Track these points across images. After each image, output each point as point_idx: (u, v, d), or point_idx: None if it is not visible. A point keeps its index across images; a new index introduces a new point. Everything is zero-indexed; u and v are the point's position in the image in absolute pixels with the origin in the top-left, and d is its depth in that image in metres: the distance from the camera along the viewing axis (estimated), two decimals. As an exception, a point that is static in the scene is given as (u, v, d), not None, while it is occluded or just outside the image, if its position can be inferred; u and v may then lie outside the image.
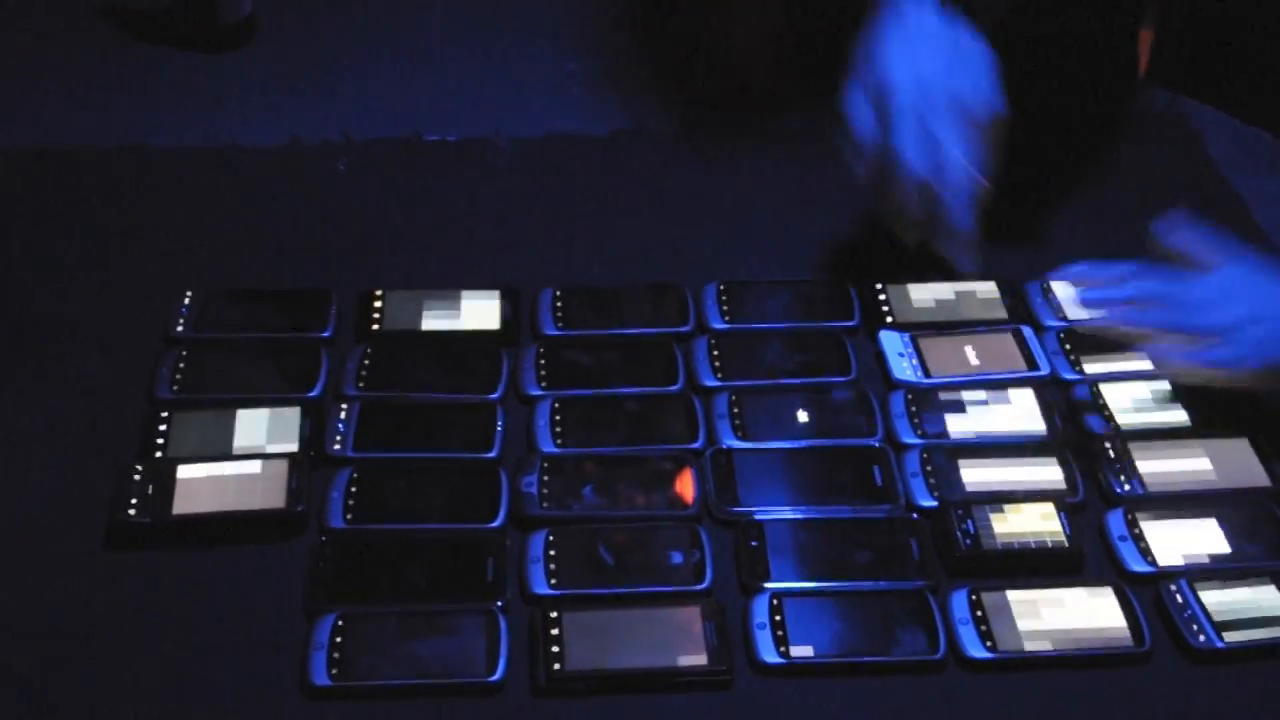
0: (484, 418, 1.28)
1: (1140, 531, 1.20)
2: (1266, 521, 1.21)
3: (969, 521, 1.20)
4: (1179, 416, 1.30)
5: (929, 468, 1.25)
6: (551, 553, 1.17)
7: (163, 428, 1.25)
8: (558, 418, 1.28)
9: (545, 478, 1.23)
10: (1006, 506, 1.21)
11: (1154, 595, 1.16)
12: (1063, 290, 1.42)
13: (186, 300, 1.37)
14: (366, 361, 1.32)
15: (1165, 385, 1.32)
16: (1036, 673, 1.12)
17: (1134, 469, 1.25)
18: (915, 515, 1.22)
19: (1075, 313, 1.37)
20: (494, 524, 1.20)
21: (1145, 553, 1.19)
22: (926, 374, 1.34)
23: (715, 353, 1.35)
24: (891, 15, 1.32)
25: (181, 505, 1.18)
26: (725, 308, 1.40)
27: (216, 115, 1.65)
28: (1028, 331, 1.37)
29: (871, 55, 1.32)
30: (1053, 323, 1.39)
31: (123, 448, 1.24)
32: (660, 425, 1.28)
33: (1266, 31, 1.67)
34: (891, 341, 1.37)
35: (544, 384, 1.32)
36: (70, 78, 1.71)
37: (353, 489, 1.21)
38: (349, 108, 1.67)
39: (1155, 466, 1.25)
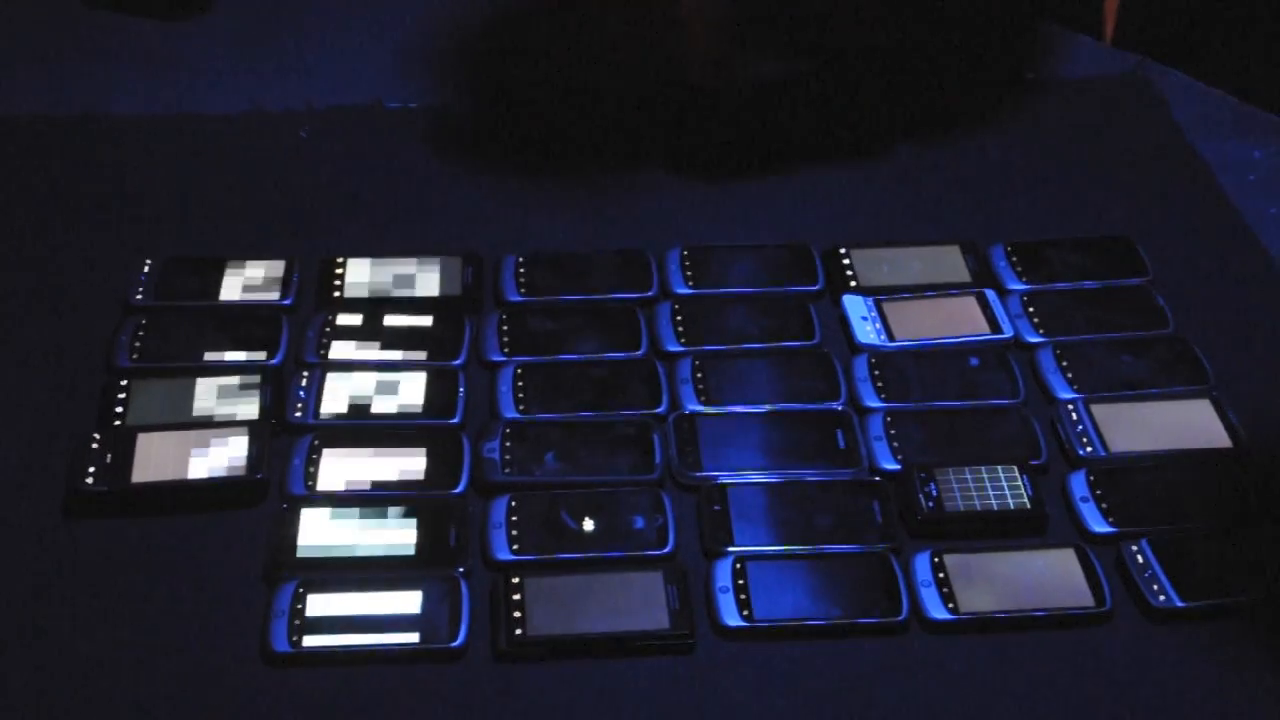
0: (447, 384, 1.27)
1: (1102, 493, 1.20)
2: (1227, 482, 1.21)
3: (931, 484, 1.20)
4: (1141, 378, 1.30)
5: (892, 431, 1.25)
6: (514, 518, 1.17)
7: (121, 396, 1.24)
8: (520, 383, 1.28)
9: (507, 443, 1.22)
10: (969, 469, 1.21)
11: (1115, 556, 1.17)
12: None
13: (146, 268, 1.36)
14: (328, 329, 1.32)
15: (1128, 347, 1.32)
16: (999, 634, 1.12)
17: (1096, 430, 1.25)
18: (878, 478, 1.22)
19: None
20: (456, 490, 1.19)
21: (1107, 514, 1.19)
22: (890, 338, 1.34)
23: (679, 318, 1.35)
24: None
25: (140, 473, 1.17)
26: (689, 272, 1.39)
27: (176, 82, 1.63)
28: (991, 295, 1.37)
29: None
30: (1016, 286, 1.39)
31: (81, 416, 1.23)
32: (623, 390, 1.28)
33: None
34: (855, 305, 1.37)
35: (506, 350, 1.31)
36: (27, 44, 1.69)
37: (314, 456, 1.20)
38: (310, 74, 1.66)
39: (1117, 428, 1.25)
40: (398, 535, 1.15)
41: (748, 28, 1.52)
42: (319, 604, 1.10)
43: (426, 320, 1.33)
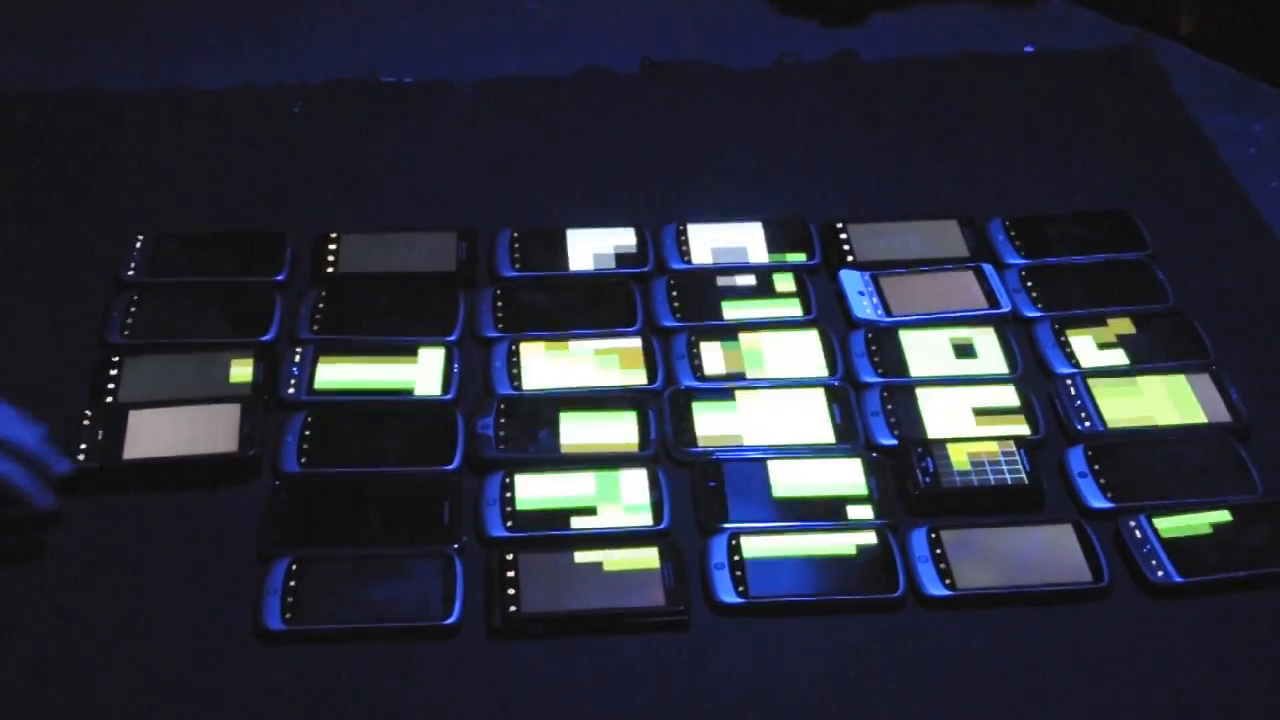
0: (441, 360, 1.26)
1: (1100, 468, 1.19)
2: (1226, 457, 1.20)
3: (928, 459, 1.19)
4: (1140, 353, 1.29)
5: (889, 406, 1.24)
6: (508, 495, 1.16)
7: (113, 372, 1.23)
8: (514, 360, 1.27)
9: (502, 420, 1.21)
10: (966, 444, 1.20)
11: (1113, 531, 1.16)
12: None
13: (138, 244, 1.35)
14: (321, 304, 1.31)
15: (1125, 321, 1.32)
16: (996, 610, 1.11)
17: (1094, 405, 1.24)
18: (874, 454, 1.21)
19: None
20: (450, 467, 1.19)
21: (1105, 489, 1.18)
22: (887, 313, 1.33)
23: (674, 293, 1.34)
24: None
25: (132, 450, 1.17)
26: (684, 248, 1.38)
27: (168, 57, 1.62)
28: (989, 269, 1.36)
29: None
30: (1014, 260, 1.38)
31: (73, 392, 1.23)
32: (618, 366, 1.27)
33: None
34: (852, 280, 1.36)
35: (501, 326, 1.30)
36: (19, 20, 1.68)
37: (307, 433, 1.20)
38: (305, 49, 1.65)
39: (1115, 403, 1.25)
40: (394, 511, 1.15)
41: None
42: (313, 581, 1.09)
43: (421, 296, 1.32)
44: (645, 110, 1.58)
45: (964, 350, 1.29)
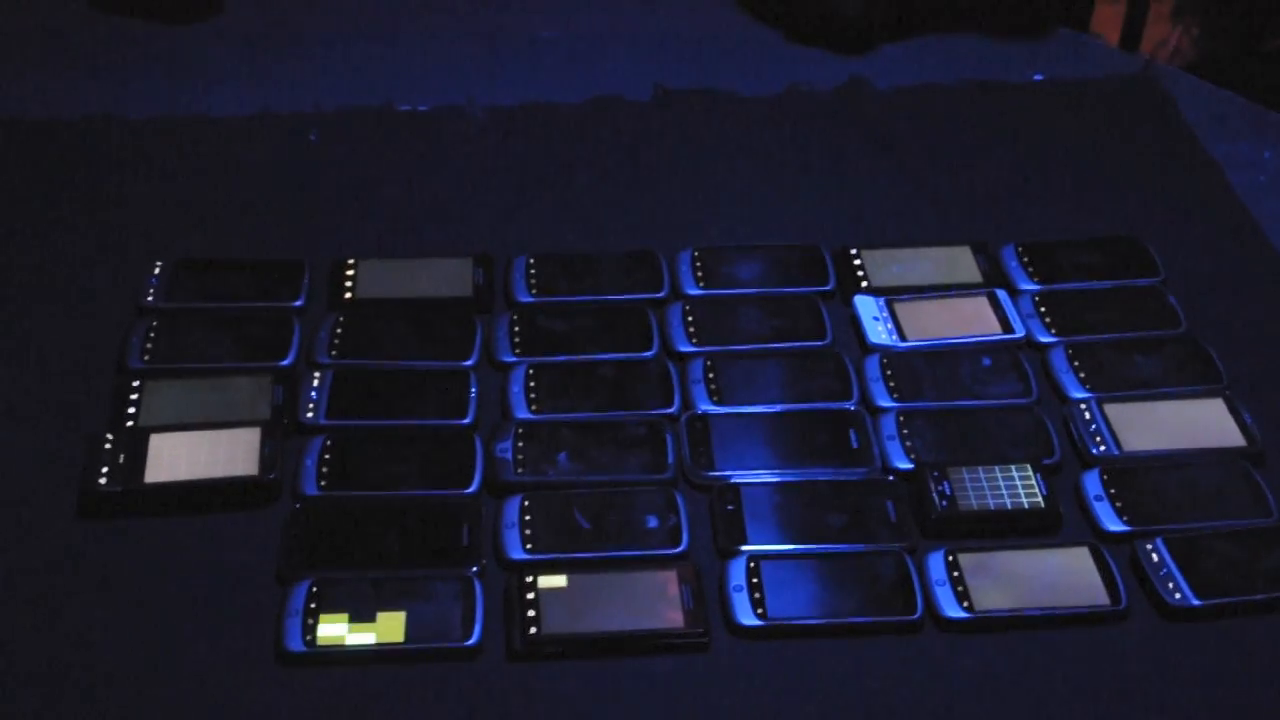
0: (458, 384, 1.27)
1: (1116, 492, 1.20)
2: (1241, 480, 1.21)
3: (945, 483, 1.20)
4: (1153, 377, 1.30)
5: (905, 431, 1.25)
6: (527, 518, 1.17)
7: (134, 397, 1.24)
8: (532, 384, 1.27)
9: (520, 443, 1.22)
10: (982, 468, 1.21)
11: (1130, 554, 1.16)
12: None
13: (157, 270, 1.36)
14: (339, 330, 1.32)
15: (1138, 346, 1.32)
16: (1013, 633, 1.12)
17: (1109, 429, 1.25)
18: (891, 478, 1.22)
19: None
20: (469, 490, 1.19)
21: (1121, 513, 1.19)
22: (902, 338, 1.34)
23: (690, 318, 1.34)
24: None
25: (153, 474, 1.17)
26: (700, 273, 1.39)
27: (187, 86, 1.63)
28: (1002, 295, 1.37)
29: None
30: (1028, 286, 1.39)
31: (94, 417, 1.23)
32: (635, 391, 1.28)
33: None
34: (866, 306, 1.36)
35: (518, 350, 1.31)
36: (40, 49, 1.69)
37: (326, 456, 1.20)
38: (320, 77, 1.66)
39: (1131, 427, 1.25)
40: (413, 534, 1.15)
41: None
42: (333, 603, 1.10)
43: (438, 321, 1.33)
44: (659, 137, 1.59)
45: (979, 375, 1.30)
